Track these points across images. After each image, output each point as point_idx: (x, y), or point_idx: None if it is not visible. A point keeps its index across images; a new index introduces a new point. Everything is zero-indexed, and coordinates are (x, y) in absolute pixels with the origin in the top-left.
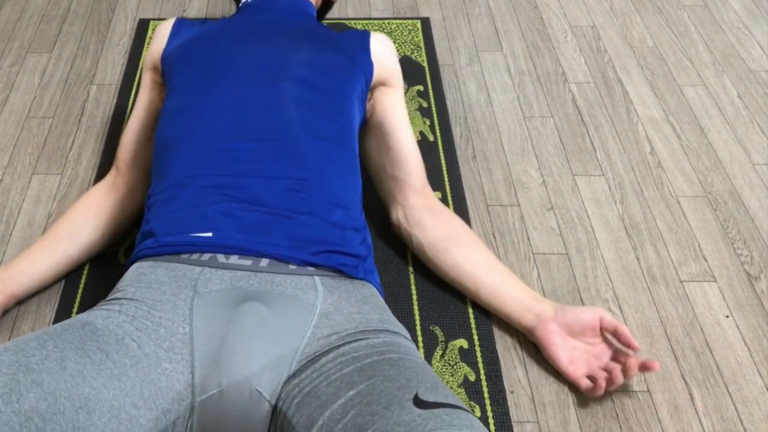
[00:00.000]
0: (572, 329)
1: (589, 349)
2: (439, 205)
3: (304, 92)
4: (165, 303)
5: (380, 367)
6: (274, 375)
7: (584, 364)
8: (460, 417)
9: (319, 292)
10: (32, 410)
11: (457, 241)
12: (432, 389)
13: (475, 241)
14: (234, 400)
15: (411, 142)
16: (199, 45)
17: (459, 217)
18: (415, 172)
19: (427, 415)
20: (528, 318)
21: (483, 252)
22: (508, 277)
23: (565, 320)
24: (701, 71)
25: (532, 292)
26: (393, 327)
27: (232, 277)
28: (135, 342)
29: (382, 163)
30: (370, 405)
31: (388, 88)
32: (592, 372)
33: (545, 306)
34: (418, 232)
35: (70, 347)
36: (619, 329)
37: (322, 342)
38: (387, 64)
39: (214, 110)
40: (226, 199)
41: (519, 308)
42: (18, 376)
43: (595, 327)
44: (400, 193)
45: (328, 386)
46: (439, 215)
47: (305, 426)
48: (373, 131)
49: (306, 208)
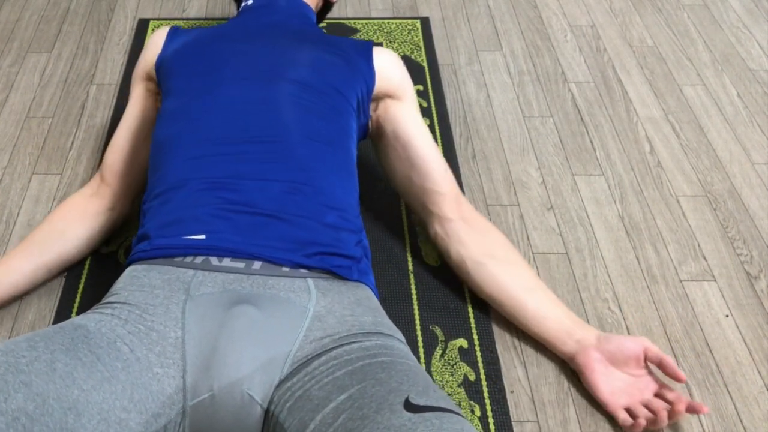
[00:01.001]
0: (615, 358)
1: (633, 381)
2: (474, 213)
3: (301, 94)
4: (157, 307)
5: (372, 370)
6: (266, 378)
7: (625, 396)
8: (451, 420)
9: (312, 294)
10: (19, 410)
11: (497, 257)
12: (423, 392)
13: (515, 257)
14: (225, 404)
15: (434, 151)
16: (196, 47)
17: (496, 228)
18: (443, 180)
19: (417, 419)
20: (569, 344)
21: (523, 270)
22: (549, 299)
23: (607, 348)
24: (701, 71)
25: (573, 316)
26: (386, 329)
27: (224, 280)
28: (127, 345)
29: (409, 177)
30: (361, 409)
31: (397, 101)
32: (632, 405)
33: (587, 332)
34: (458, 246)
35: (61, 349)
36: (664, 360)
37: (314, 345)
38: (392, 78)
39: (211, 112)
40: (220, 201)
41: (560, 333)
42: (6, 376)
43: (639, 357)
44: (432, 204)
45: (320, 390)
46: (475, 225)
47: (297, 430)
48: (391, 146)
49: (300, 210)
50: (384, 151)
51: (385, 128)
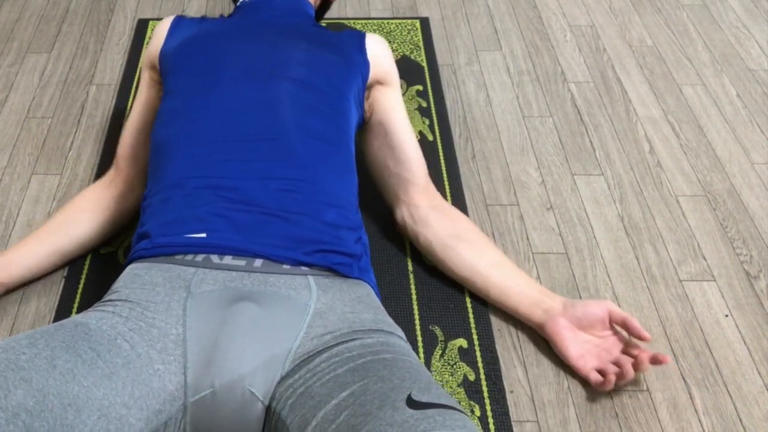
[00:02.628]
0: (581, 323)
1: (600, 342)
2: (443, 202)
3: (300, 92)
4: (158, 304)
5: (374, 367)
6: (267, 375)
7: (594, 358)
8: (453, 417)
9: (312, 291)
10: (19, 406)
11: (464, 239)
12: (425, 389)
13: (482, 238)
14: (227, 400)
15: (412, 140)
16: (195, 46)
17: (464, 214)
18: (418, 170)
19: (420, 416)
20: (537, 314)
21: (490, 248)
22: (517, 274)
23: (574, 314)
24: (700, 70)
25: (540, 287)
26: (387, 327)
27: (225, 278)
28: (128, 342)
29: (385, 163)
30: (363, 405)
31: (385, 87)
32: (602, 366)
33: (554, 301)
34: (425, 230)
35: (61, 346)
36: (628, 320)
37: (315, 342)
38: (383, 64)
39: (209, 111)
40: (220, 199)
41: (528, 304)
42: (6, 373)
43: (604, 319)
44: (403, 192)
45: (321, 387)
46: (445, 212)
47: (299, 427)
48: (373, 131)
49: (300, 208)
50: (368, 136)
51: (372, 114)
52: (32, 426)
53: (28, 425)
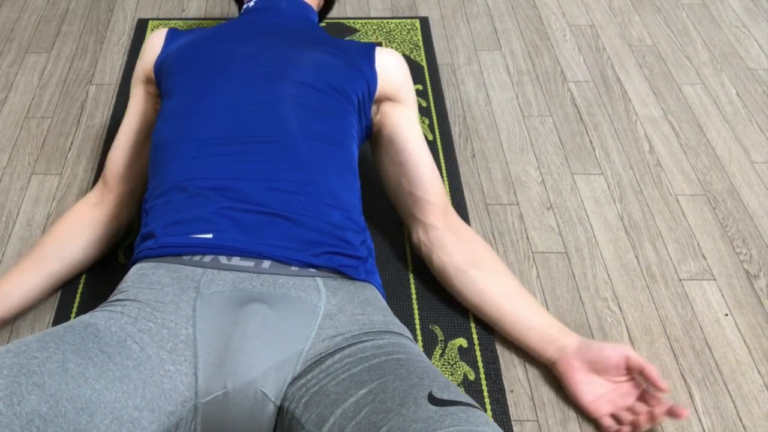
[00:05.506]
0: (595, 366)
1: (615, 388)
2: (460, 223)
3: (303, 94)
4: (168, 304)
5: (390, 366)
6: (279, 376)
7: (608, 403)
8: (476, 415)
9: (322, 293)
10: (33, 412)
11: (479, 265)
12: (445, 388)
13: (499, 265)
14: (239, 401)
15: (426, 159)
16: (198, 48)
17: (481, 237)
18: (433, 190)
19: (444, 413)
20: (550, 352)
21: (506, 278)
22: (532, 306)
23: (588, 356)
24: (700, 70)
25: (555, 323)
26: (397, 328)
27: (234, 279)
28: (137, 344)
29: (399, 182)
30: (384, 402)
31: (397, 104)
32: (616, 411)
33: (568, 340)
34: (440, 253)
35: (72, 349)
36: (646, 369)
37: (326, 343)
38: (394, 80)
39: (213, 112)
40: (225, 200)
41: (541, 340)
42: (19, 378)
43: (619, 365)
44: (419, 212)
45: (337, 385)
46: (461, 235)
47: (315, 424)
48: (385, 149)
49: (305, 209)
50: (378, 153)
51: (382, 131)
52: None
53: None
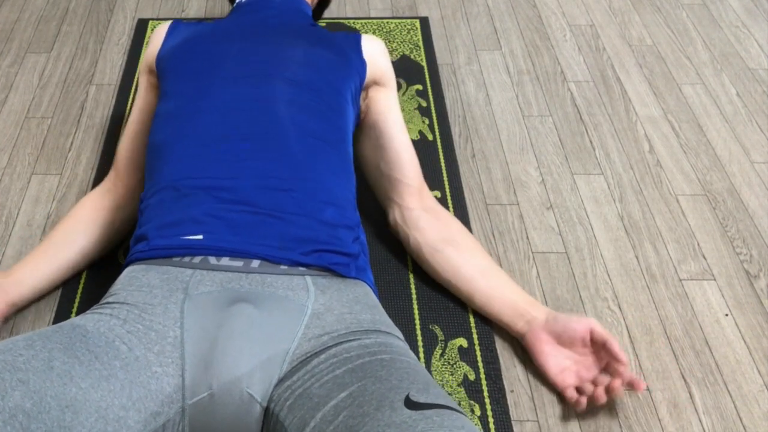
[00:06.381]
0: (561, 339)
1: (579, 360)
2: (436, 205)
3: (296, 91)
4: (156, 306)
5: (372, 368)
6: (265, 377)
7: (573, 375)
8: (451, 418)
9: (310, 292)
10: (17, 408)
11: (454, 243)
12: (423, 390)
13: (473, 244)
14: (225, 402)
15: (405, 141)
16: (190, 47)
17: (457, 219)
18: (411, 172)
19: (418, 417)
20: (519, 324)
21: (480, 255)
22: (504, 282)
23: (554, 329)
24: (700, 70)
25: (527, 297)
26: (385, 327)
27: (223, 279)
28: (125, 345)
29: (377, 164)
30: (362, 406)
31: (381, 87)
32: (580, 383)
33: (537, 313)
34: (415, 233)
35: (59, 348)
36: (608, 342)
37: (313, 343)
38: (379, 64)
39: (205, 112)
40: (216, 200)
41: (511, 314)
42: (3, 374)
43: (585, 338)
44: (396, 194)
45: (320, 388)
46: (437, 216)
47: (297, 428)
48: (367, 131)
49: (297, 207)
50: (360, 136)
51: (368, 115)
52: (29, 428)
53: (25, 427)
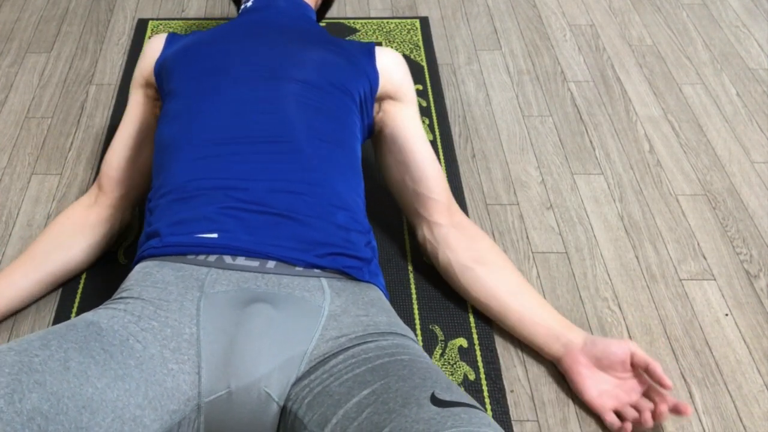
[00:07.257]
0: (601, 362)
1: (619, 384)
2: (465, 220)
3: (306, 94)
4: (171, 303)
5: (393, 367)
6: (283, 377)
7: (612, 399)
8: (478, 416)
9: (326, 294)
10: (35, 410)
11: (485, 261)
12: (447, 389)
13: (504, 262)
14: (242, 401)
15: (429, 156)
16: (198, 48)
17: (487, 235)
18: (438, 187)
19: (446, 414)
20: (555, 347)
21: (511, 274)
22: (537, 303)
23: (593, 352)
24: (700, 70)
25: (561, 318)
26: (400, 330)
27: (239, 279)
28: (140, 343)
29: (403, 180)
30: (387, 403)
31: (398, 102)
32: (620, 408)
33: (573, 336)
34: (446, 249)
35: (74, 347)
36: (650, 366)
37: (330, 344)
38: (394, 78)
39: (217, 112)
40: (230, 200)
41: (546, 336)
42: (20, 376)
43: (624, 361)
44: (423, 209)
45: (340, 386)
46: (467, 232)
47: (318, 424)
48: (388, 147)
49: (311, 210)
50: (381, 152)
51: (384, 130)
52: (47, 430)
53: (43, 429)
